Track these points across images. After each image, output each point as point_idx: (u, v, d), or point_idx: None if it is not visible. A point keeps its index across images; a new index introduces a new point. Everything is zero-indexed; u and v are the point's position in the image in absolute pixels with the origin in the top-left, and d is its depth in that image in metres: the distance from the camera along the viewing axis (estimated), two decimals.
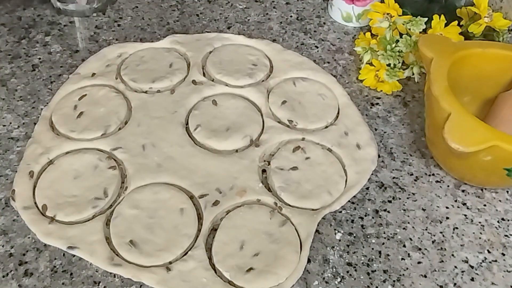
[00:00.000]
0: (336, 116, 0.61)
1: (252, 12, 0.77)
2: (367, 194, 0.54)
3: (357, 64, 0.69)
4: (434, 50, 0.53)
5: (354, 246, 0.49)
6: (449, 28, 0.63)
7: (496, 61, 0.56)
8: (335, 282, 0.47)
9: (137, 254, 0.46)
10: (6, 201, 0.51)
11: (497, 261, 0.49)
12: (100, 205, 0.50)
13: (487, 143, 0.45)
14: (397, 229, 0.51)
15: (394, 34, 0.64)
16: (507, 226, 0.52)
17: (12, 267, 0.46)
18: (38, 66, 0.66)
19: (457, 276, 0.47)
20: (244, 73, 0.65)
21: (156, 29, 0.73)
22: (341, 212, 0.52)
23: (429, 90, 0.51)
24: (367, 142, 0.58)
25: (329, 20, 0.77)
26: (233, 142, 0.57)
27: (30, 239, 0.48)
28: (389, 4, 0.65)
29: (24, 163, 0.54)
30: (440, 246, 0.50)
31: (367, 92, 0.65)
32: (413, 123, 0.61)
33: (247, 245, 0.48)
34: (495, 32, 0.65)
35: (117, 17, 0.75)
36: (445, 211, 0.53)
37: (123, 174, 0.54)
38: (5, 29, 0.72)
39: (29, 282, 0.45)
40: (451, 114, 0.47)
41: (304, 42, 0.72)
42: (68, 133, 0.57)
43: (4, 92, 0.62)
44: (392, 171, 0.56)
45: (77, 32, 0.72)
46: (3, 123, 0.59)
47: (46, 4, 0.76)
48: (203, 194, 0.52)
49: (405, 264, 0.48)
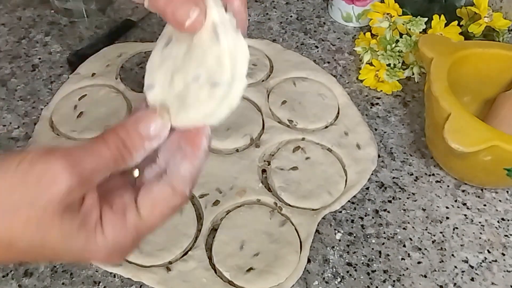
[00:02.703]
0: (336, 116, 0.61)
1: (252, 12, 0.77)
2: (367, 194, 0.54)
3: (357, 64, 0.69)
4: (434, 50, 0.53)
5: (354, 246, 0.49)
6: (449, 28, 0.63)
7: (496, 61, 0.56)
8: (335, 282, 0.47)
9: (137, 254, 0.46)
10: None
11: (497, 261, 0.49)
12: None
13: (487, 143, 0.45)
14: (397, 229, 0.51)
15: (394, 34, 0.64)
16: (507, 226, 0.52)
17: (12, 267, 0.46)
18: (38, 66, 0.66)
19: (457, 276, 0.47)
20: None
21: (156, 29, 0.73)
22: (341, 212, 0.52)
23: (429, 90, 0.51)
24: (367, 142, 0.58)
25: (329, 20, 0.77)
26: (233, 141, 0.56)
27: None
28: (389, 4, 0.65)
29: None
30: (440, 246, 0.50)
31: (367, 92, 0.65)
32: (413, 123, 0.61)
33: (247, 245, 0.48)
34: (495, 32, 0.65)
35: (117, 17, 0.75)
36: (445, 211, 0.53)
37: None
38: (5, 29, 0.72)
39: (29, 282, 0.45)
40: (451, 114, 0.47)
41: (304, 42, 0.72)
42: (68, 133, 0.57)
43: (4, 92, 0.62)
44: (392, 171, 0.56)
45: (77, 32, 0.72)
46: (3, 123, 0.59)
47: (46, 4, 0.76)
48: (203, 194, 0.52)
49: (405, 264, 0.48)
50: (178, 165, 0.31)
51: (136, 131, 0.30)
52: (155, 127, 0.31)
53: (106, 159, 0.29)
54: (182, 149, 0.31)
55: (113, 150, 0.29)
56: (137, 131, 0.30)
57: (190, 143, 0.31)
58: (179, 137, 0.32)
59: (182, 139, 0.31)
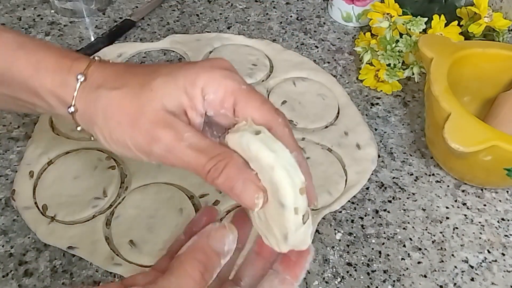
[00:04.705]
0: (336, 116, 0.61)
1: (252, 12, 0.77)
2: (367, 194, 0.54)
3: (357, 64, 0.69)
4: (434, 50, 0.53)
5: (354, 246, 0.49)
6: (449, 28, 0.63)
7: (496, 61, 0.56)
8: (335, 282, 0.47)
9: (138, 254, 0.46)
10: (6, 201, 0.51)
11: (497, 261, 0.49)
12: (100, 204, 0.50)
13: (487, 143, 0.45)
14: (397, 229, 0.51)
15: (394, 34, 0.64)
16: (507, 226, 0.52)
17: (12, 267, 0.46)
18: None
19: (457, 276, 0.47)
20: (244, 73, 0.64)
21: (156, 29, 0.73)
22: (341, 212, 0.52)
23: (429, 90, 0.51)
24: (367, 142, 0.58)
25: (329, 20, 0.77)
26: None
27: (30, 239, 0.48)
28: (389, 4, 0.65)
29: (24, 163, 0.54)
30: (440, 246, 0.50)
31: (367, 92, 0.65)
32: (413, 123, 0.61)
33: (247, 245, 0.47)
34: (495, 32, 0.65)
35: (117, 17, 0.75)
36: (445, 211, 0.53)
37: (123, 174, 0.54)
38: None
39: (29, 282, 0.45)
40: (451, 114, 0.47)
41: (304, 42, 0.72)
42: (68, 132, 0.57)
43: None
44: (392, 171, 0.56)
45: (77, 32, 0.72)
46: (3, 123, 0.59)
47: (46, 4, 0.76)
48: (203, 194, 0.52)
49: (405, 264, 0.48)
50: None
51: (214, 251, 0.30)
52: (228, 243, 0.31)
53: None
54: (279, 274, 0.31)
55: (198, 279, 0.29)
56: (214, 250, 0.30)
57: (289, 271, 0.31)
58: (268, 261, 0.32)
59: (281, 264, 0.31)
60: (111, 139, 0.34)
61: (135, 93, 0.33)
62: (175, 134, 0.32)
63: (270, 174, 0.29)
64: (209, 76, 0.33)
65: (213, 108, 0.34)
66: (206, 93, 0.33)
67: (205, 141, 0.32)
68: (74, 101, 0.34)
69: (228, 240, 0.31)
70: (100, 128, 0.34)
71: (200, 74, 0.33)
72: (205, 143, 0.32)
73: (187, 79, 0.33)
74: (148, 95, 0.33)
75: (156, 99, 0.33)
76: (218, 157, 0.31)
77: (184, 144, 0.32)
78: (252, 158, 0.30)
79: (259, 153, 0.30)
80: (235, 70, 0.35)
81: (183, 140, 0.32)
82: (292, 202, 0.29)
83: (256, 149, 0.30)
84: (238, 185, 0.30)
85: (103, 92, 0.34)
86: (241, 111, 0.33)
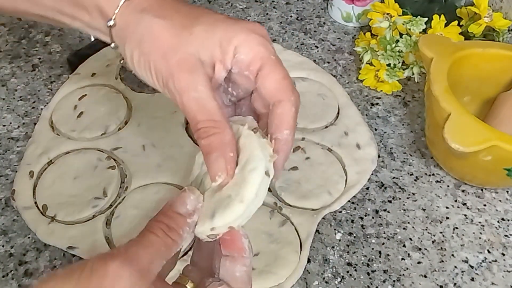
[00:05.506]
0: (336, 116, 0.61)
1: (252, 12, 0.77)
2: (367, 194, 0.54)
3: (357, 64, 0.68)
4: (434, 50, 0.53)
5: (354, 246, 0.49)
6: (449, 28, 0.63)
7: (496, 61, 0.56)
8: (335, 282, 0.47)
9: None
10: (6, 201, 0.51)
11: (497, 261, 0.49)
12: (100, 204, 0.50)
13: (487, 143, 0.45)
14: (397, 229, 0.51)
15: (394, 34, 0.64)
16: (507, 226, 0.52)
17: (12, 267, 0.46)
18: (38, 66, 0.66)
19: (457, 276, 0.47)
20: None
21: None
22: (341, 212, 0.52)
23: (429, 90, 0.51)
24: (367, 142, 0.58)
25: (329, 20, 0.77)
26: None
27: (30, 239, 0.48)
28: (389, 4, 0.65)
29: (24, 163, 0.54)
30: (440, 246, 0.50)
31: (367, 92, 0.65)
32: (413, 123, 0.61)
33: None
34: (495, 32, 0.65)
35: None
36: (445, 211, 0.53)
37: (123, 174, 0.54)
38: (5, 29, 0.72)
39: (29, 282, 0.45)
40: (451, 114, 0.47)
41: (304, 42, 0.72)
42: (68, 132, 0.57)
43: (4, 92, 0.62)
44: (392, 171, 0.56)
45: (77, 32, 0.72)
46: (3, 123, 0.59)
47: None
48: None
49: (405, 264, 0.48)
50: (231, 271, 0.32)
51: (175, 212, 0.32)
52: (190, 202, 0.33)
53: (157, 246, 0.30)
54: (229, 256, 0.32)
55: (161, 236, 0.30)
56: (176, 211, 0.32)
57: (232, 248, 0.32)
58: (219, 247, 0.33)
59: (223, 248, 0.32)
60: (138, 61, 0.36)
61: (176, 30, 0.35)
62: (191, 82, 0.34)
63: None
64: (245, 38, 0.35)
65: (239, 67, 0.36)
66: (238, 52, 0.35)
67: (212, 103, 0.34)
68: (115, 15, 0.36)
69: (189, 200, 0.33)
70: (132, 48, 0.36)
71: (237, 34, 0.35)
72: (211, 105, 0.34)
73: (225, 35, 0.35)
74: (187, 38, 0.35)
75: (193, 44, 0.35)
76: (213, 123, 0.33)
77: (193, 95, 0.34)
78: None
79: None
80: (269, 40, 0.37)
81: (194, 91, 0.34)
82: (263, 166, 0.33)
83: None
84: (212, 155, 0.33)
85: (147, 17, 0.36)
86: (262, 77, 0.35)
